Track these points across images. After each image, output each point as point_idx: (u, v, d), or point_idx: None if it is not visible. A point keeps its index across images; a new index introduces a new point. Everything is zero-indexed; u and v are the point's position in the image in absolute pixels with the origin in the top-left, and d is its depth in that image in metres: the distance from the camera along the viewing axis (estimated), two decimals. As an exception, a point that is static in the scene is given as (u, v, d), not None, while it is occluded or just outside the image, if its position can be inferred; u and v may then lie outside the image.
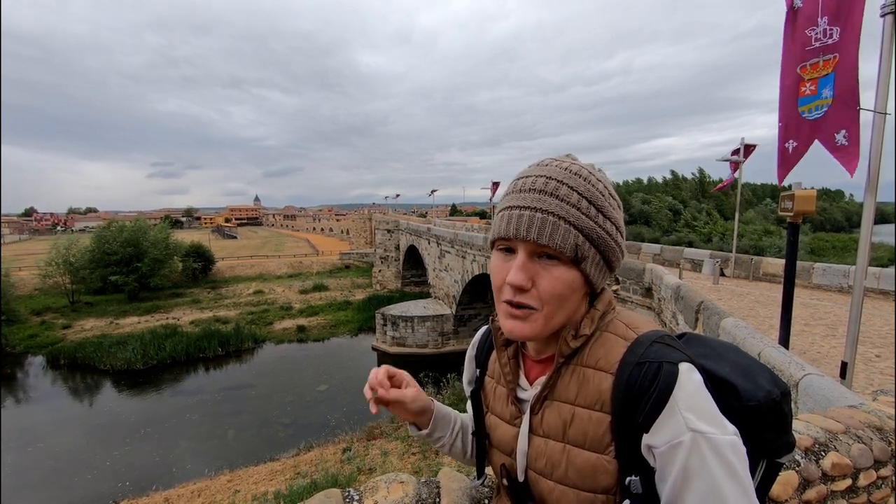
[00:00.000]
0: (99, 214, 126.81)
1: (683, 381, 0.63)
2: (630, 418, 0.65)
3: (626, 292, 9.02)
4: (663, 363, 0.64)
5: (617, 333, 0.73)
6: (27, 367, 22.17)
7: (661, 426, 0.62)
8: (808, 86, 2.89)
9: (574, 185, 0.71)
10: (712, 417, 0.62)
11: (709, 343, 0.83)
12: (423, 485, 1.05)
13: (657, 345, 0.68)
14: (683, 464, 0.60)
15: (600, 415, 0.69)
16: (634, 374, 0.66)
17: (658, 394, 0.63)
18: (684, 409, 0.61)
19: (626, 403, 0.66)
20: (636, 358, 0.67)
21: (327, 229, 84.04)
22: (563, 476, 0.72)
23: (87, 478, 12.86)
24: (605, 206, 0.73)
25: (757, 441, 0.73)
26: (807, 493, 1.28)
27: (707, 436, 0.60)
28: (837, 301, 8.11)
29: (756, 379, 0.74)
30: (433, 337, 22.87)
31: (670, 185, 70.16)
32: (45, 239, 59.59)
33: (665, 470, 0.63)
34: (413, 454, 11.52)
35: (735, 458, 0.60)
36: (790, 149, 3.06)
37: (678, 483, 0.61)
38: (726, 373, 0.74)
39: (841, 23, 2.71)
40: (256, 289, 34.91)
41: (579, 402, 0.72)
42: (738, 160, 11.85)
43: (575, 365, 0.74)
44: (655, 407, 0.63)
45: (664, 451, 0.62)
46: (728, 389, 0.72)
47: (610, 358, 0.71)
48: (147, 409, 17.32)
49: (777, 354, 3.02)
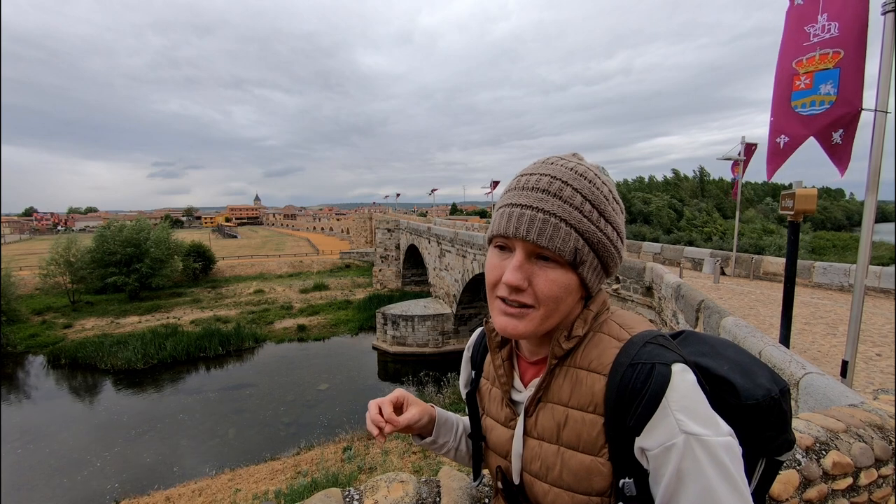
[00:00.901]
0: (99, 214, 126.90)
1: (676, 382, 0.62)
2: (622, 421, 0.65)
3: (626, 291, 9.02)
4: (656, 364, 0.64)
5: (610, 334, 0.72)
6: (28, 367, 22.19)
7: (654, 428, 0.62)
8: (802, 79, 2.87)
9: (579, 186, 0.69)
10: (706, 418, 0.61)
11: (708, 341, 0.82)
12: (424, 484, 1.05)
13: (650, 345, 0.67)
14: (677, 466, 0.59)
15: (594, 416, 0.68)
16: (627, 376, 0.65)
17: (650, 395, 0.62)
18: (677, 410, 0.60)
19: (618, 405, 0.65)
20: (629, 359, 0.67)
21: (328, 229, 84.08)
22: (557, 478, 0.71)
23: (88, 476, 12.88)
24: (608, 211, 0.71)
25: (756, 439, 0.72)
26: (808, 491, 1.27)
27: (700, 437, 0.59)
28: (838, 300, 8.10)
29: (755, 377, 0.74)
30: (433, 336, 22.89)
31: (671, 183, 70.09)
32: (45, 239, 59.68)
33: (658, 472, 0.62)
34: (413, 453, 11.53)
35: (729, 460, 0.59)
36: (781, 143, 3.04)
37: (672, 486, 0.60)
38: (725, 371, 0.74)
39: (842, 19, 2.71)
40: (257, 288, 34.94)
41: (573, 404, 0.71)
42: (739, 159, 11.84)
43: (568, 366, 0.73)
44: (648, 409, 0.62)
45: (657, 453, 0.61)
46: (727, 387, 0.72)
47: (603, 359, 0.70)
48: (148, 409, 17.34)
49: (778, 353, 3.02)
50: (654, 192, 65.03)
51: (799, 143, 2.96)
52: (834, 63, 2.74)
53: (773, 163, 3.11)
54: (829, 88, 2.77)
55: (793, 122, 2.96)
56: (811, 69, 2.81)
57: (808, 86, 2.84)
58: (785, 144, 3.02)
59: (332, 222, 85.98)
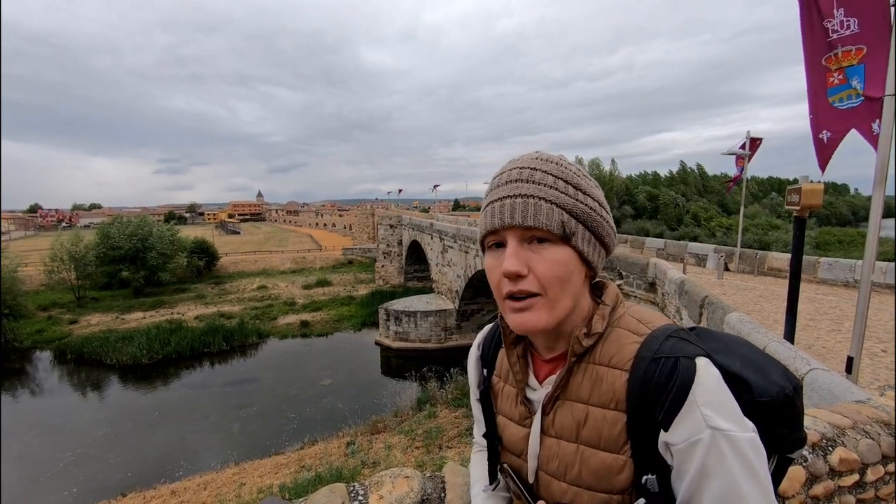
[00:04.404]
0: (103, 210, 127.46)
1: (702, 376, 0.62)
2: (648, 416, 0.64)
3: (629, 287, 8.99)
4: (680, 358, 0.63)
5: (629, 329, 0.71)
6: (35, 362, 22.41)
7: (680, 423, 0.61)
8: (835, 76, 2.87)
9: (546, 169, 0.72)
10: (732, 414, 0.61)
11: (719, 338, 0.81)
12: (429, 479, 1.05)
13: (672, 339, 0.66)
14: (702, 462, 0.59)
15: (615, 413, 0.67)
16: (650, 371, 0.64)
17: (677, 390, 0.61)
18: (703, 405, 0.60)
19: (642, 401, 0.64)
20: (651, 353, 0.66)
21: (330, 225, 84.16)
22: (576, 477, 0.70)
23: (95, 469, 13.03)
24: (582, 184, 0.73)
25: (769, 436, 0.71)
26: (814, 488, 1.27)
27: (726, 433, 0.58)
28: (843, 296, 8.05)
29: (769, 374, 0.73)
30: (436, 332, 22.93)
31: (677, 178, 69.68)
32: (50, 235, 60.05)
33: (682, 467, 0.61)
34: (417, 448, 11.59)
35: (754, 456, 0.59)
36: (825, 139, 3.05)
37: (695, 481, 0.60)
38: (738, 368, 0.73)
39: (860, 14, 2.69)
40: (260, 284, 35.08)
41: (593, 402, 0.70)
42: (744, 154, 11.73)
43: (587, 363, 0.72)
44: (675, 404, 0.61)
45: (682, 448, 0.61)
46: (741, 384, 0.71)
47: (623, 354, 0.69)
48: (153, 404, 17.50)
49: (782, 349, 3.00)
50: (659, 188, 64.72)
51: (842, 136, 2.99)
52: (858, 60, 2.73)
53: (822, 157, 3.12)
54: (856, 83, 2.77)
55: (833, 117, 2.97)
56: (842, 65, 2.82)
57: (841, 81, 2.85)
58: (829, 139, 3.03)
59: (334, 218, 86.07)
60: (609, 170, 64.65)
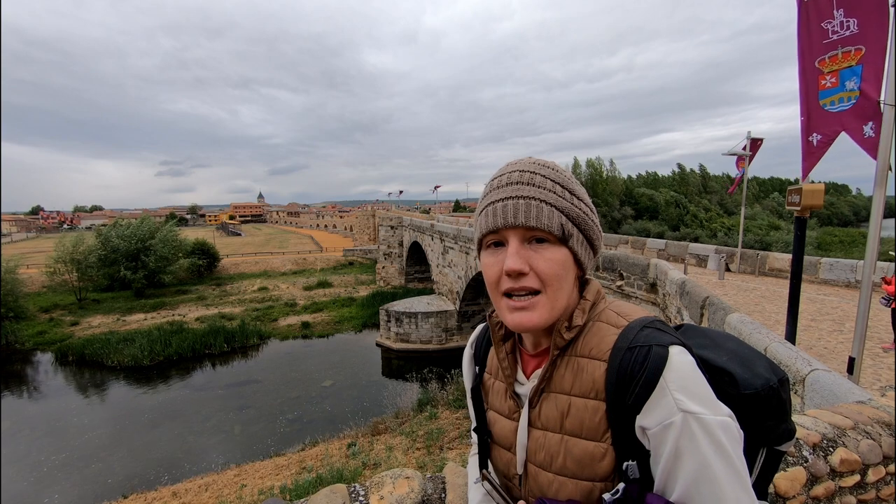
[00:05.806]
0: (105, 212, 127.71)
1: (674, 362, 0.64)
2: (622, 402, 0.66)
3: (630, 288, 8.98)
4: (653, 346, 0.65)
5: (609, 322, 0.74)
6: (36, 364, 22.44)
7: (653, 407, 0.63)
8: (828, 78, 2.87)
9: (545, 174, 0.75)
10: (704, 398, 0.62)
11: (707, 334, 0.84)
12: (429, 480, 1.05)
13: (647, 329, 0.69)
14: (675, 444, 0.61)
15: (595, 402, 0.70)
16: (626, 359, 0.67)
17: (648, 375, 0.64)
18: (675, 389, 0.62)
19: (618, 388, 0.67)
20: (627, 343, 0.69)
21: (331, 226, 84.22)
22: (561, 467, 0.73)
23: (96, 470, 13.03)
24: (577, 190, 0.77)
25: (757, 429, 0.74)
26: (815, 489, 1.27)
27: (698, 416, 0.60)
28: (844, 296, 8.04)
29: (753, 367, 0.75)
30: (437, 333, 22.92)
31: (677, 179, 69.59)
32: (51, 237, 60.21)
33: (657, 451, 0.64)
34: (418, 449, 11.58)
35: (726, 438, 0.60)
36: (815, 142, 3.06)
37: (669, 463, 0.62)
38: (724, 362, 0.75)
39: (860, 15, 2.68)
40: (261, 285, 35.11)
41: (575, 392, 0.73)
42: (745, 154, 11.73)
43: (569, 356, 0.75)
44: (646, 388, 0.64)
45: (656, 431, 0.63)
46: (726, 378, 0.74)
47: (602, 346, 0.72)
48: (154, 405, 17.50)
49: (783, 350, 3.00)
50: (659, 189, 64.62)
51: (832, 139, 2.98)
52: (857, 60, 2.73)
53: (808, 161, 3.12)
54: (852, 84, 2.76)
55: (824, 120, 2.98)
56: (835, 68, 2.81)
57: (834, 84, 2.85)
58: (818, 142, 3.03)
59: (335, 219, 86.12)
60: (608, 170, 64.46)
